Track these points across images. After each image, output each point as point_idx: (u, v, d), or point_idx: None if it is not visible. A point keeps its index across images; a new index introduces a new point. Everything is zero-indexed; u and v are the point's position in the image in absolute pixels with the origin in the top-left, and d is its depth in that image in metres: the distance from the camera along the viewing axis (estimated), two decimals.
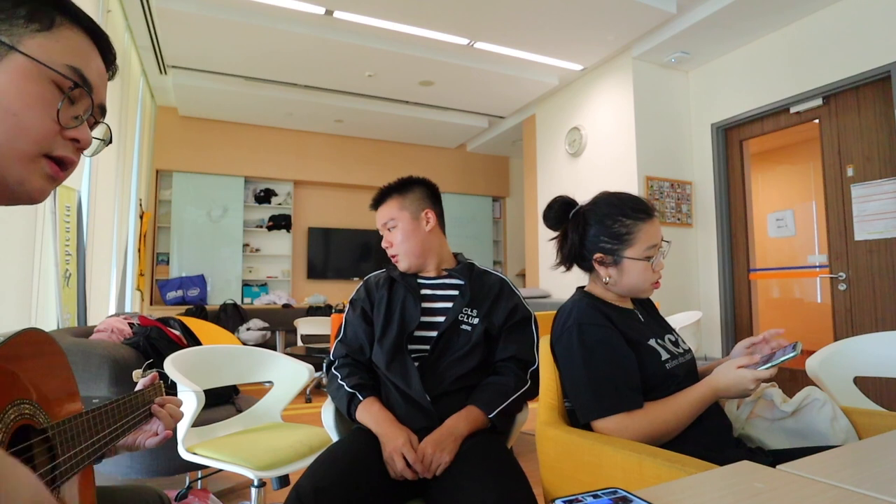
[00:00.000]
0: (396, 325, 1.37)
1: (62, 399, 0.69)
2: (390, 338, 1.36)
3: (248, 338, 5.66)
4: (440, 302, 1.43)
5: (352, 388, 1.33)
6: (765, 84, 4.01)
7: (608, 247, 1.19)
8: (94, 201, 3.30)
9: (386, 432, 1.21)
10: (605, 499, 0.55)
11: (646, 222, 1.18)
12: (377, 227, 1.51)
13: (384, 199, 1.50)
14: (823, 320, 3.86)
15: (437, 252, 1.48)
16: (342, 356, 1.44)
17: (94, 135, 0.66)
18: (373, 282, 1.51)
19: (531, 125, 5.96)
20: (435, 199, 1.51)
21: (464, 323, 1.38)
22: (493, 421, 1.25)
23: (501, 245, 8.31)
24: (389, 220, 1.46)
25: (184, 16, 3.91)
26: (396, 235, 1.45)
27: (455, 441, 1.17)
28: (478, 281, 1.45)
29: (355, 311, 1.48)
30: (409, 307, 1.40)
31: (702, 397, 1.06)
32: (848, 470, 0.64)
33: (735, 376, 1.04)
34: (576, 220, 1.25)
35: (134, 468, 1.94)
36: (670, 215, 4.45)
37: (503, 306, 1.41)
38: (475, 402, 1.27)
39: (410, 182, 1.51)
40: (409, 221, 1.45)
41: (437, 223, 1.48)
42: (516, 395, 1.30)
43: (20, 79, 0.55)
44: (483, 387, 1.32)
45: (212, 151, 6.47)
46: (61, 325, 2.53)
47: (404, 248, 1.44)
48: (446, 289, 1.45)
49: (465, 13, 3.88)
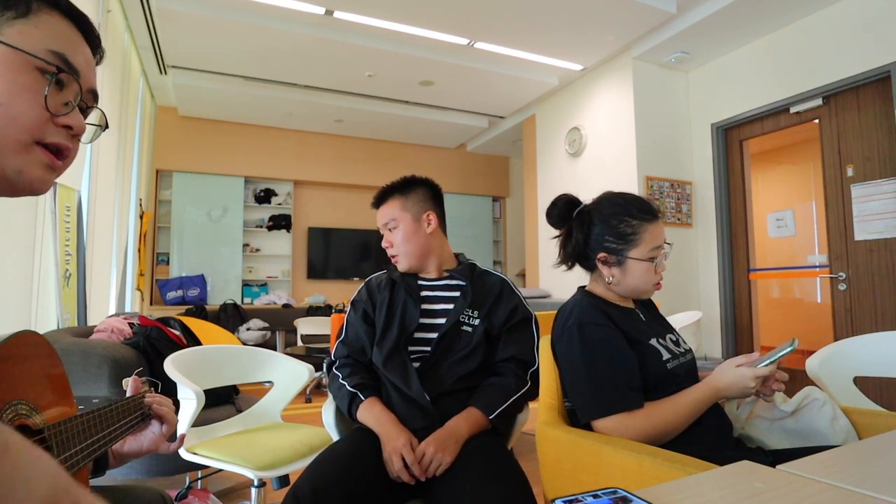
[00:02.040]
0: (396, 327, 1.37)
1: (57, 401, 0.69)
2: (390, 339, 1.36)
3: (248, 338, 5.66)
4: (441, 303, 1.42)
5: (353, 387, 1.33)
6: (765, 84, 4.01)
7: (613, 246, 1.19)
8: (94, 201, 3.30)
9: (387, 433, 1.20)
10: (605, 499, 0.55)
11: (651, 223, 1.19)
12: (377, 227, 1.51)
13: (386, 199, 1.48)
14: (823, 320, 3.86)
15: (437, 253, 1.47)
16: (343, 356, 1.44)
17: (88, 121, 0.65)
18: (374, 283, 1.51)
19: (531, 125, 5.96)
20: (437, 200, 1.51)
21: (465, 324, 1.37)
22: (493, 422, 1.25)
23: (501, 245, 8.31)
24: (390, 221, 1.45)
25: (184, 16, 3.91)
26: (397, 236, 1.44)
27: (457, 442, 1.17)
28: (479, 282, 1.45)
29: (357, 312, 1.47)
30: (409, 309, 1.39)
31: (702, 397, 1.06)
32: (848, 470, 0.64)
33: (735, 375, 1.04)
34: (580, 218, 1.24)
35: (134, 468, 1.94)
36: (670, 215, 4.45)
37: (504, 307, 1.41)
38: (476, 403, 1.27)
39: (413, 182, 1.50)
40: (410, 223, 1.44)
41: (439, 224, 1.48)
42: (516, 395, 1.30)
43: (2, 68, 0.54)
44: (483, 388, 1.32)
45: (212, 151, 6.47)
46: (61, 325, 2.53)
47: (404, 250, 1.43)
48: (447, 290, 1.45)
49: (465, 13, 3.88)
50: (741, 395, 1.09)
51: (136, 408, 0.85)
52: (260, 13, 3.99)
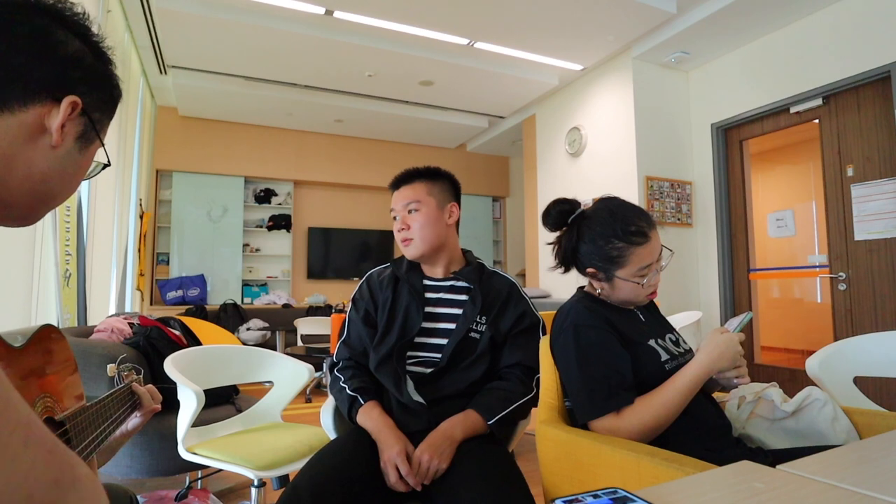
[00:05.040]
0: (397, 332, 1.33)
1: (71, 393, 0.73)
2: (387, 345, 1.32)
3: (248, 338, 5.66)
4: (447, 307, 1.37)
5: (354, 391, 1.31)
6: (765, 84, 4.01)
7: (600, 265, 1.18)
8: (94, 201, 3.30)
9: (384, 440, 1.18)
10: (605, 499, 0.55)
11: (640, 245, 1.15)
12: (391, 210, 1.43)
13: (412, 180, 1.41)
14: (823, 320, 3.86)
15: (450, 249, 1.42)
16: (346, 358, 1.41)
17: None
18: (376, 279, 1.45)
19: (531, 125, 5.96)
20: (457, 195, 1.46)
21: (473, 330, 1.33)
22: (491, 428, 1.22)
23: (501, 245, 8.31)
24: (413, 202, 1.38)
25: (184, 16, 3.91)
26: (417, 219, 1.37)
27: (451, 445, 1.15)
28: (487, 284, 1.39)
29: (358, 311, 1.43)
30: (412, 314, 1.35)
31: (692, 378, 1.05)
32: (848, 470, 0.64)
33: (722, 339, 1.08)
34: (571, 230, 1.23)
35: (134, 468, 1.94)
36: (670, 215, 4.45)
37: (510, 312, 1.36)
38: (476, 406, 1.24)
39: (439, 173, 1.44)
40: (434, 208, 1.38)
41: (457, 220, 1.44)
42: (520, 402, 1.27)
43: (91, 157, 0.66)
44: (486, 391, 1.28)
45: (212, 151, 6.46)
46: (61, 325, 2.53)
47: (422, 234, 1.36)
48: (454, 292, 1.39)
49: (465, 13, 3.88)
50: (732, 364, 1.09)
51: (128, 394, 0.92)
52: (260, 13, 3.99)
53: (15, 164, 0.56)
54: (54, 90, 0.58)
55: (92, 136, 0.64)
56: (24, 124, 0.56)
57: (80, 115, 0.61)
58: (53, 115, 0.58)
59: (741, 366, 1.11)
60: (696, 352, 1.13)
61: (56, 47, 0.59)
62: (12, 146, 0.55)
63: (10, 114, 0.55)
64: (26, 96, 0.56)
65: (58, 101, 0.58)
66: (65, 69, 0.59)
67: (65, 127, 0.59)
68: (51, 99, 0.58)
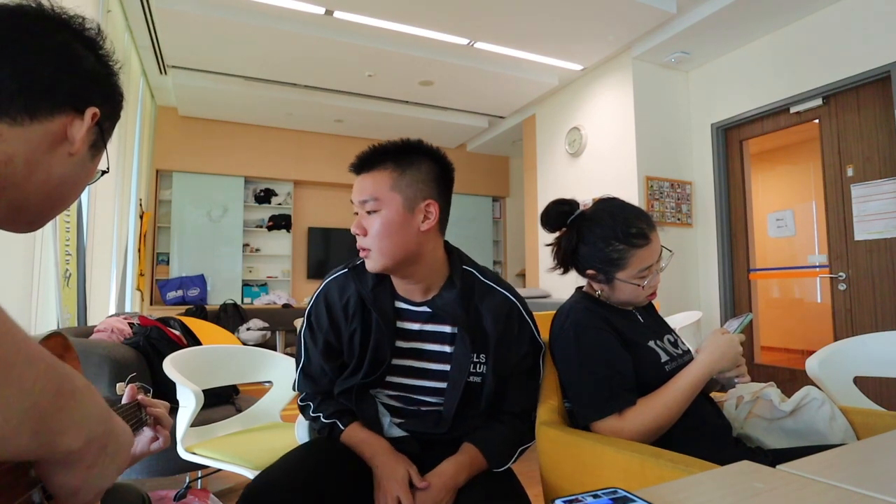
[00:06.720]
0: (364, 369, 1.10)
1: None
2: (354, 380, 1.11)
3: (248, 338, 5.66)
4: (433, 342, 1.12)
5: (329, 417, 1.14)
6: (765, 84, 4.01)
7: (600, 267, 1.18)
8: (94, 201, 3.30)
9: (381, 465, 1.01)
10: (605, 499, 0.55)
11: (640, 248, 1.15)
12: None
13: (373, 165, 1.08)
14: (823, 320, 3.86)
15: (427, 261, 1.09)
16: (310, 391, 1.20)
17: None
18: (336, 300, 1.14)
19: (531, 125, 5.96)
20: (443, 184, 1.10)
21: (473, 374, 1.08)
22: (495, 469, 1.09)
23: (501, 245, 8.31)
24: (371, 199, 1.04)
25: (184, 16, 3.91)
26: (374, 223, 1.04)
27: (455, 489, 1.01)
28: (480, 309, 1.11)
29: (315, 341, 1.16)
30: (383, 346, 1.09)
31: (694, 379, 1.06)
32: (848, 470, 0.64)
33: (724, 340, 1.09)
34: (570, 232, 1.22)
35: (134, 468, 1.94)
36: (670, 215, 4.45)
37: (515, 347, 1.13)
38: (482, 449, 1.06)
39: (416, 150, 1.10)
40: (397, 210, 1.04)
41: (438, 221, 1.07)
42: (528, 445, 1.16)
43: (98, 164, 0.69)
44: (491, 433, 1.10)
45: (212, 151, 6.46)
46: (61, 325, 2.53)
47: (380, 246, 1.04)
48: (436, 322, 1.11)
49: (465, 13, 3.88)
50: (733, 364, 1.10)
51: (133, 415, 0.87)
52: (260, 13, 3.99)
53: (36, 171, 0.59)
54: (76, 101, 0.62)
55: (100, 145, 0.68)
56: (48, 133, 0.59)
57: (95, 125, 0.64)
58: (76, 126, 0.62)
59: (741, 365, 1.12)
60: (695, 353, 1.14)
61: (80, 61, 0.63)
62: (35, 153, 0.59)
63: (37, 123, 0.59)
64: (53, 107, 0.60)
65: (80, 111, 0.62)
66: (86, 82, 0.63)
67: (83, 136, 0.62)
68: (73, 110, 0.61)
